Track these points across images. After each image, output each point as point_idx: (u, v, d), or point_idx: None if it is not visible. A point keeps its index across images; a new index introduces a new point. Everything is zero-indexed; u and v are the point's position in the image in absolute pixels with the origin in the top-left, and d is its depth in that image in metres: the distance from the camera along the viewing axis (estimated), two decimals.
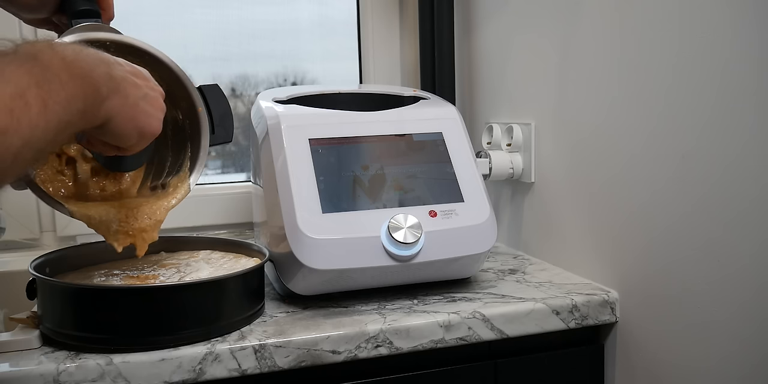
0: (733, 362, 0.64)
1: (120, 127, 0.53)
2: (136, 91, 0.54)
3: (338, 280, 0.74)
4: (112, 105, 0.51)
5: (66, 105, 0.44)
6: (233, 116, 0.77)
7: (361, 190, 0.76)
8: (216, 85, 0.76)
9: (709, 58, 0.64)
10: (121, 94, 0.52)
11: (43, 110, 0.41)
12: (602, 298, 0.78)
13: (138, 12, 1.15)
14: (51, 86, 0.42)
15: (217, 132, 0.76)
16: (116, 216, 0.68)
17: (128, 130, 0.55)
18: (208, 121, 0.74)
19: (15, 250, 1.04)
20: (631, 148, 0.76)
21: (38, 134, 0.41)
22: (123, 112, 0.53)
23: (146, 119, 0.56)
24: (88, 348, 0.64)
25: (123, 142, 0.56)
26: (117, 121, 0.52)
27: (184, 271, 0.75)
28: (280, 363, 0.67)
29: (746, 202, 0.61)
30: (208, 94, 0.75)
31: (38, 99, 0.41)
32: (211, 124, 0.75)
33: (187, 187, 0.73)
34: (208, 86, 0.75)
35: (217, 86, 0.76)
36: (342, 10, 1.27)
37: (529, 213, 0.99)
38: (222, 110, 0.76)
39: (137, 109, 0.54)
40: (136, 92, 0.54)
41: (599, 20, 0.80)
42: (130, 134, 0.55)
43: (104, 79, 0.49)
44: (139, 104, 0.55)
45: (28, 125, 0.40)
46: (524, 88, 0.98)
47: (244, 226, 1.16)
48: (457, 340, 0.73)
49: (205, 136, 0.74)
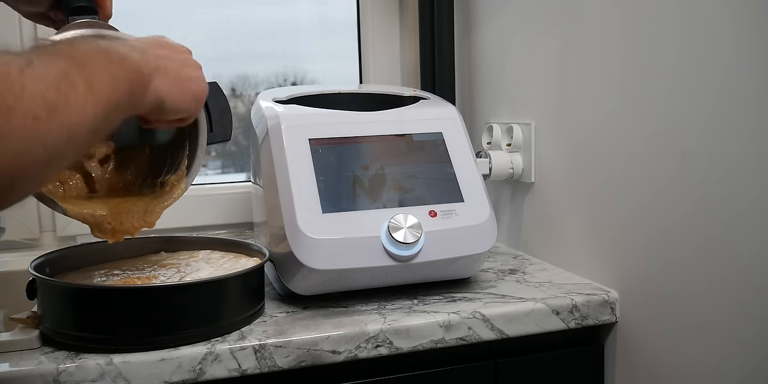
0: (733, 362, 0.64)
1: (176, 102, 0.55)
2: (171, 64, 0.55)
3: (338, 280, 0.74)
4: (159, 85, 0.52)
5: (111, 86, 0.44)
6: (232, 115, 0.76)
7: (361, 190, 0.76)
8: (215, 83, 0.75)
9: (709, 58, 0.64)
10: (162, 72, 0.53)
11: (89, 89, 0.41)
12: (602, 298, 0.78)
13: (138, 11, 1.15)
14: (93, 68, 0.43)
15: (215, 130, 0.75)
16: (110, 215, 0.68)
17: (185, 102, 0.57)
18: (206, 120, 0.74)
19: (15, 250, 1.04)
20: (631, 148, 0.76)
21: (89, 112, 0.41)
22: (171, 88, 0.54)
23: (194, 85, 0.58)
24: (88, 348, 0.64)
25: (185, 113, 0.58)
26: (170, 99, 0.54)
27: (184, 271, 0.75)
28: (280, 363, 0.67)
29: (746, 202, 0.61)
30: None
31: (82, 79, 0.41)
32: (209, 123, 0.74)
33: (184, 187, 0.73)
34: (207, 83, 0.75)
35: (216, 84, 0.75)
36: (342, 10, 1.27)
37: (529, 213, 0.99)
38: (220, 108, 0.75)
39: (182, 79, 0.56)
40: (173, 65, 0.55)
41: (600, 20, 0.80)
42: (187, 105, 0.57)
43: (142, 60, 0.50)
44: (181, 75, 0.56)
45: (76, 103, 0.40)
46: (524, 88, 0.98)
47: (244, 226, 1.16)
48: (457, 340, 0.73)
49: (202, 135, 0.73)
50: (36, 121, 0.37)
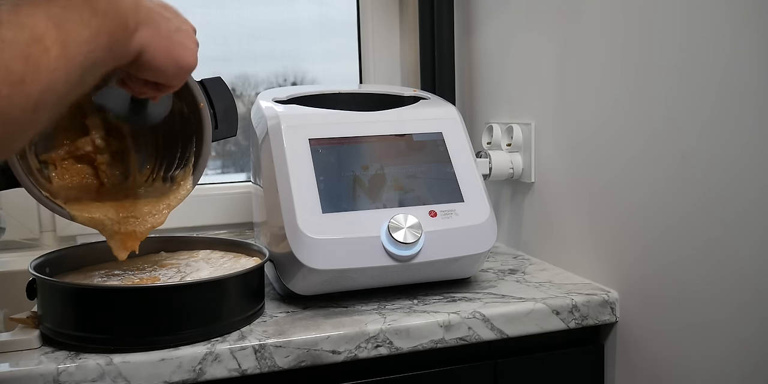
0: (733, 362, 0.64)
1: (155, 58, 0.52)
2: (168, 24, 0.53)
3: (338, 280, 0.74)
4: (143, 36, 0.49)
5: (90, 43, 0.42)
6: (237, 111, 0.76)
7: (361, 190, 0.76)
8: (219, 79, 0.74)
9: (710, 58, 0.64)
10: (151, 25, 0.50)
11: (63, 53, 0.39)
12: (602, 298, 0.78)
13: None
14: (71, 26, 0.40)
15: (221, 127, 0.74)
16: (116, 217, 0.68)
17: (164, 62, 0.53)
18: (210, 117, 0.73)
19: (15, 250, 1.04)
20: (632, 148, 0.76)
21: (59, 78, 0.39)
22: (155, 42, 0.51)
23: (181, 50, 0.55)
24: (88, 348, 0.64)
25: (161, 76, 0.55)
26: (151, 53, 0.51)
27: (184, 271, 0.75)
28: (280, 363, 0.67)
29: (746, 202, 0.61)
30: (211, 89, 0.73)
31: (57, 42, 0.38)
32: (214, 119, 0.74)
33: (189, 186, 0.73)
34: (211, 80, 0.74)
35: (220, 79, 0.75)
36: (342, 10, 1.27)
37: (529, 213, 0.99)
38: (225, 104, 0.74)
39: (171, 41, 0.53)
40: (167, 25, 0.53)
41: (600, 20, 0.80)
42: (166, 66, 0.53)
43: (132, 10, 0.48)
44: (172, 36, 0.53)
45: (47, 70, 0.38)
46: (524, 88, 0.98)
47: (244, 226, 1.16)
48: (457, 340, 0.73)
49: (207, 131, 0.73)
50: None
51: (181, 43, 0.54)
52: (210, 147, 0.73)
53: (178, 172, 0.73)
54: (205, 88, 0.73)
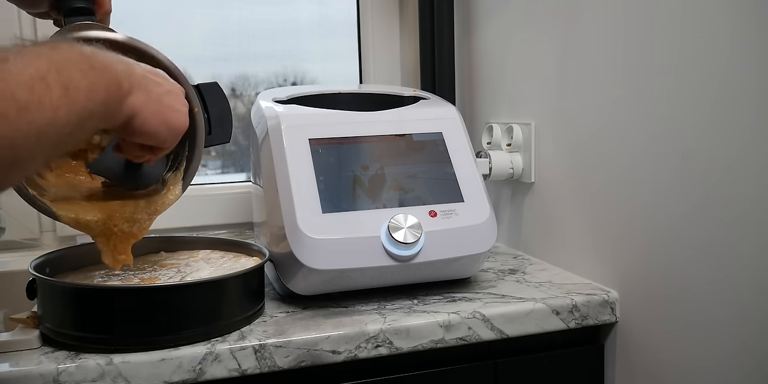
0: (733, 362, 0.64)
1: (147, 122, 0.53)
2: (158, 88, 0.55)
3: (338, 280, 0.74)
4: (136, 100, 0.51)
5: (88, 93, 0.44)
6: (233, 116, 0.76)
7: (361, 190, 0.76)
8: (215, 84, 0.74)
9: (710, 57, 0.64)
10: (143, 89, 0.52)
11: (64, 93, 0.41)
12: (602, 298, 0.78)
13: (138, 12, 1.15)
14: (72, 74, 0.42)
15: (214, 133, 0.74)
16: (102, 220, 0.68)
17: (156, 125, 0.54)
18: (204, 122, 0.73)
19: (15, 250, 1.04)
20: (632, 148, 0.76)
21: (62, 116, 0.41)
22: (148, 107, 0.53)
23: (173, 113, 0.56)
24: (88, 348, 0.64)
25: (153, 139, 0.56)
26: (143, 117, 0.52)
27: (184, 270, 0.75)
28: (280, 363, 0.67)
29: (747, 202, 0.61)
30: (206, 94, 0.73)
31: (59, 83, 0.41)
32: (208, 125, 0.73)
33: (179, 191, 0.72)
34: (207, 85, 0.73)
35: (216, 85, 0.74)
36: (342, 10, 1.27)
37: (529, 213, 0.99)
38: (220, 110, 0.74)
39: (162, 104, 0.55)
40: (158, 89, 0.54)
41: (600, 20, 0.80)
42: (158, 129, 0.55)
43: (125, 74, 0.49)
44: (162, 100, 0.55)
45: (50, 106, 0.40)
46: (524, 87, 0.98)
47: (244, 226, 1.16)
48: (457, 340, 0.73)
49: (200, 138, 0.72)
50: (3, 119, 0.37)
51: (171, 107, 0.56)
52: (201, 153, 0.73)
53: (169, 175, 0.73)
54: (201, 93, 0.73)
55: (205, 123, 0.73)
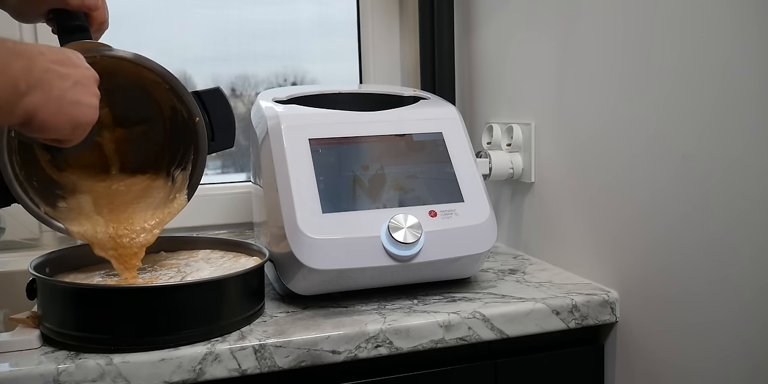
0: (734, 362, 0.64)
1: (47, 121, 0.51)
2: (62, 83, 0.52)
3: (338, 280, 0.74)
4: (33, 100, 0.49)
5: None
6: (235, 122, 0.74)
7: (361, 190, 0.76)
8: (217, 89, 0.74)
9: (710, 57, 0.64)
10: (44, 87, 0.50)
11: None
12: (602, 298, 0.78)
13: (138, 12, 1.15)
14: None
15: (218, 139, 0.74)
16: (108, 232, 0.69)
17: (58, 124, 0.53)
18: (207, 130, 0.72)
19: (15, 250, 1.04)
20: (632, 148, 0.76)
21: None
22: (47, 106, 0.51)
23: (77, 109, 0.54)
24: (88, 348, 0.64)
25: (56, 135, 0.54)
26: (42, 117, 0.51)
27: (185, 270, 0.75)
28: (280, 363, 0.67)
29: (747, 202, 0.61)
30: (207, 100, 0.73)
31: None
32: (211, 132, 0.73)
33: (184, 200, 0.74)
34: (208, 91, 0.73)
35: (219, 90, 0.74)
36: (342, 10, 1.27)
37: (529, 213, 0.99)
38: (222, 116, 0.73)
39: (63, 101, 0.52)
40: (61, 83, 0.52)
41: (600, 20, 0.80)
42: (61, 127, 0.53)
43: (22, 74, 0.48)
44: (65, 96, 0.53)
45: None
46: (524, 88, 0.98)
47: (244, 226, 1.16)
48: (457, 340, 0.73)
49: (203, 146, 0.73)
50: None
51: (76, 101, 0.54)
52: (205, 161, 0.73)
53: (178, 173, 0.74)
54: (201, 100, 0.72)
55: (207, 130, 0.73)
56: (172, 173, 0.75)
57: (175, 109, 0.74)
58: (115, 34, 0.75)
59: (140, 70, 0.70)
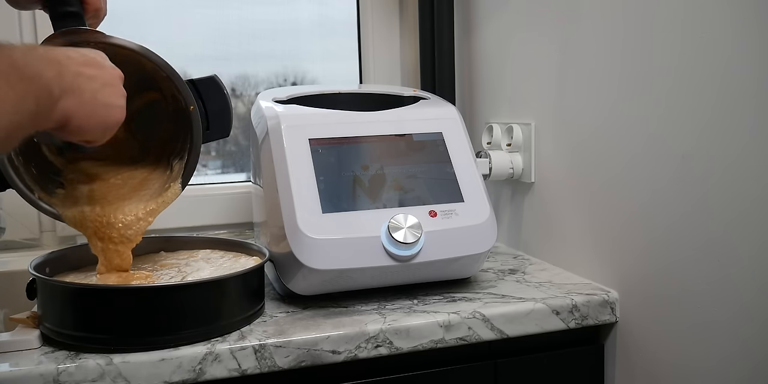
0: (734, 362, 0.64)
1: (82, 125, 0.53)
2: (92, 85, 0.54)
3: (338, 280, 0.74)
4: (68, 105, 0.51)
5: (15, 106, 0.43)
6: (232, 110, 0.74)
7: (361, 190, 0.76)
8: (212, 78, 0.73)
9: (710, 57, 0.64)
10: (75, 92, 0.51)
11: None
12: (602, 298, 0.78)
13: (138, 11, 1.15)
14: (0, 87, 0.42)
15: (213, 128, 0.73)
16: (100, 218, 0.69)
17: (91, 127, 0.54)
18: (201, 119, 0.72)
19: (15, 250, 1.04)
20: (632, 148, 0.76)
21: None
22: (81, 110, 0.52)
23: (107, 112, 0.56)
24: (88, 348, 0.64)
25: (89, 137, 0.56)
26: (77, 120, 0.52)
27: (185, 270, 0.75)
28: (280, 363, 0.67)
29: (747, 202, 0.61)
30: (202, 89, 0.72)
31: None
32: (206, 120, 0.72)
33: (178, 189, 0.73)
34: (203, 79, 0.72)
35: (214, 78, 0.73)
36: (342, 10, 1.27)
37: (529, 213, 0.99)
38: (218, 104, 0.72)
39: (96, 104, 0.54)
40: (91, 86, 0.53)
41: (600, 20, 0.80)
42: (93, 130, 0.55)
43: (56, 79, 0.49)
44: (96, 98, 0.54)
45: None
46: (524, 88, 0.98)
47: (244, 226, 1.16)
48: (457, 340, 0.73)
49: (197, 135, 0.72)
50: None
51: (106, 104, 0.55)
52: (199, 150, 0.73)
53: (176, 162, 0.74)
54: (196, 89, 0.72)
55: (202, 118, 0.72)
56: (171, 162, 0.75)
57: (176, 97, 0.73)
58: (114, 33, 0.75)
59: (138, 59, 0.70)
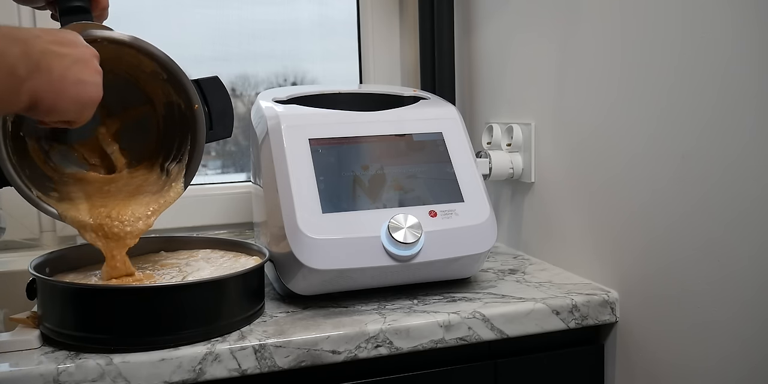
0: (734, 362, 0.64)
1: (52, 104, 0.51)
2: (62, 62, 0.52)
3: (338, 280, 0.74)
4: (35, 85, 0.49)
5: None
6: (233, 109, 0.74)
7: (361, 190, 0.76)
8: (215, 78, 0.74)
9: (710, 57, 0.64)
10: (43, 70, 0.50)
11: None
12: (602, 298, 0.78)
13: (138, 11, 1.15)
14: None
15: (216, 128, 0.74)
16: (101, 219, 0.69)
17: (64, 106, 0.53)
18: (205, 119, 0.72)
19: (15, 250, 1.04)
20: (632, 148, 0.76)
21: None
22: (50, 89, 0.51)
23: (80, 88, 0.54)
24: (88, 348, 0.64)
25: (63, 117, 0.54)
26: (47, 100, 0.51)
27: (185, 270, 0.75)
28: (280, 363, 0.67)
29: (747, 202, 0.61)
30: (207, 89, 0.73)
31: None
32: (209, 120, 0.73)
33: (180, 188, 0.73)
34: (207, 79, 0.73)
35: (217, 79, 0.74)
36: (342, 10, 1.27)
37: (529, 213, 0.99)
38: (221, 105, 0.73)
39: (66, 82, 0.52)
40: (61, 63, 0.52)
41: (600, 20, 0.80)
42: (66, 108, 0.53)
43: (21, 59, 0.47)
44: (66, 76, 0.52)
45: None
46: (524, 88, 0.98)
47: (244, 226, 1.16)
48: (457, 340, 0.73)
49: (201, 135, 0.73)
50: None
51: (78, 81, 0.53)
52: (202, 149, 0.73)
53: (173, 166, 0.74)
54: (201, 88, 0.72)
55: (206, 118, 0.73)
56: (167, 167, 0.75)
57: (171, 103, 0.73)
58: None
59: (139, 60, 0.70)
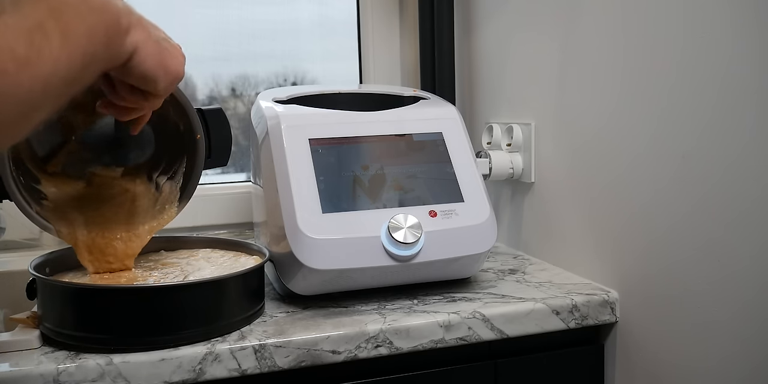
0: (734, 362, 0.64)
1: (145, 61, 0.52)
2: (157, 32, 0.54)
3: (338, 280, 0.74)
4: (136, 38, 0.50)
5: (88, 37, 0.43)
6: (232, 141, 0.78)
7: (361, 190, 0.76)
8: (219, 110, 0.77)
9: (711, 57, 0.64)
10: (143, 28, 0.51)
11: (64, 42, 0.40)
12: (602, 298, 0.78)
13: (138, 11, 1.15)
14: (69, 18, 0.41)
15: (214, 157, 0.77)
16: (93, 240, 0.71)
17: (154, 65, 0.53)
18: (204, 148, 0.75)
19: (15, 250, 1.04)
20: (632, 148, 0.76)
21: (63, 65, 0.40)
22: (147, 45, 0.51)
23: (171, 57, 0.55)
24: (88, 348, 0.64)
25: (149, 81, 0.55)
26: (142, 55, 0.51)
27: (186, 269, 0.75)
28: (280, 363, 0.67)
29: (747, 202, 0.61)
30: (210, 118, 0.76)
31: (57, 31, 0.40)
32: (208, 149, 0.76)
33: (174, 212, 0.76)
34: (210, 110, 0.76)
35: (220, 111, 0.77)
36: (342, 10, 1.27)
37: (529, 213, 0.99)
38: (222, 136, 0.77)
39: (160, 46, 0.53)
40: (157, 32, 0.53)
41: (600, 20, 0.80)
42: (155, 70, 0.54)
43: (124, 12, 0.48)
44: (161, 42, 0.54)
45: (50, 57, 0.39)
46: (524, 88, 0.98)
47: (244, 226, 1.16)
48: (457, 340, 0.72)
49: (200, 162, 0.75)
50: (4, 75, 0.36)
51: (169, 50, 0.55)
52: (199, 177, 0.76)
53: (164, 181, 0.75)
54: (204, 118, 0.75)
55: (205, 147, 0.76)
56: (156, 180, 0.76)
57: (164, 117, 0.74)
58: None
59: None
